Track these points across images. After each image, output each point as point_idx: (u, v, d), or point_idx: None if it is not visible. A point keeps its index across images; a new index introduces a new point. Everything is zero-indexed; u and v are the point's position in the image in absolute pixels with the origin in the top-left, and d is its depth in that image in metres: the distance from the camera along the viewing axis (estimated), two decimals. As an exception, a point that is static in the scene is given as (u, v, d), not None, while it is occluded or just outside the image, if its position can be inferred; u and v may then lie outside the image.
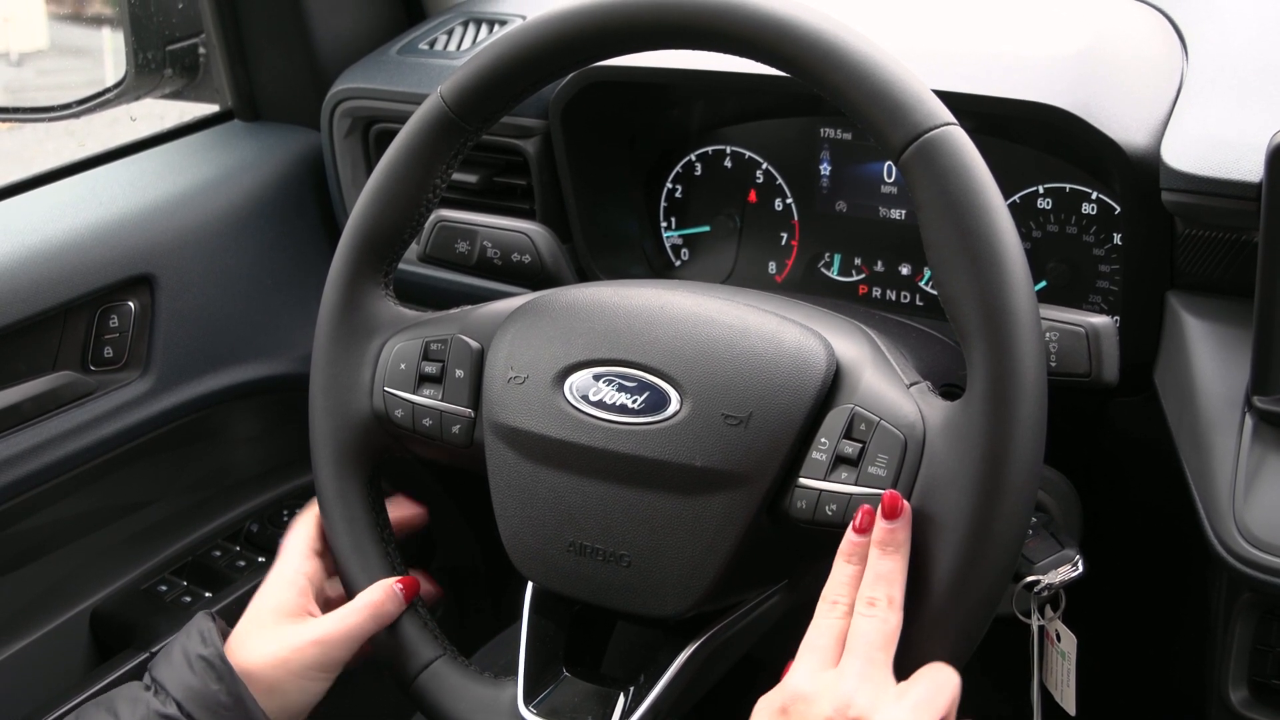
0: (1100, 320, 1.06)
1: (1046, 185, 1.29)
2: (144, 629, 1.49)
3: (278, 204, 1.63)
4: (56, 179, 1.57)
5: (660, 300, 1.07)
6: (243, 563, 1.61)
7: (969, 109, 1.08)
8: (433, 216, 1.26)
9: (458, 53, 1.58)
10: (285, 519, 1.68)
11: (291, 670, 1.08)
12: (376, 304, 1.16)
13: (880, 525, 0.93)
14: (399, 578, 1.14)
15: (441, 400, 1.13)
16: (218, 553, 1.62)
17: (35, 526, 1.46)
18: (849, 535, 0.95)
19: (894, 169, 1.37)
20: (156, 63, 1.69)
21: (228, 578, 1.58)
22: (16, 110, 2.26)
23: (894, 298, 1.40)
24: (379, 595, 1.12)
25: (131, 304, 1.48)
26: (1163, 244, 1.14)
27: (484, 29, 1.61)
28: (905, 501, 0.93)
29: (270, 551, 1.62)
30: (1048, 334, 1.05)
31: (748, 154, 1.45)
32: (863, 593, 0.93)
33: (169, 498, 1.62)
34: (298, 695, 1.10)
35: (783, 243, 1.45)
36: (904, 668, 0.92)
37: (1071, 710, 1.15)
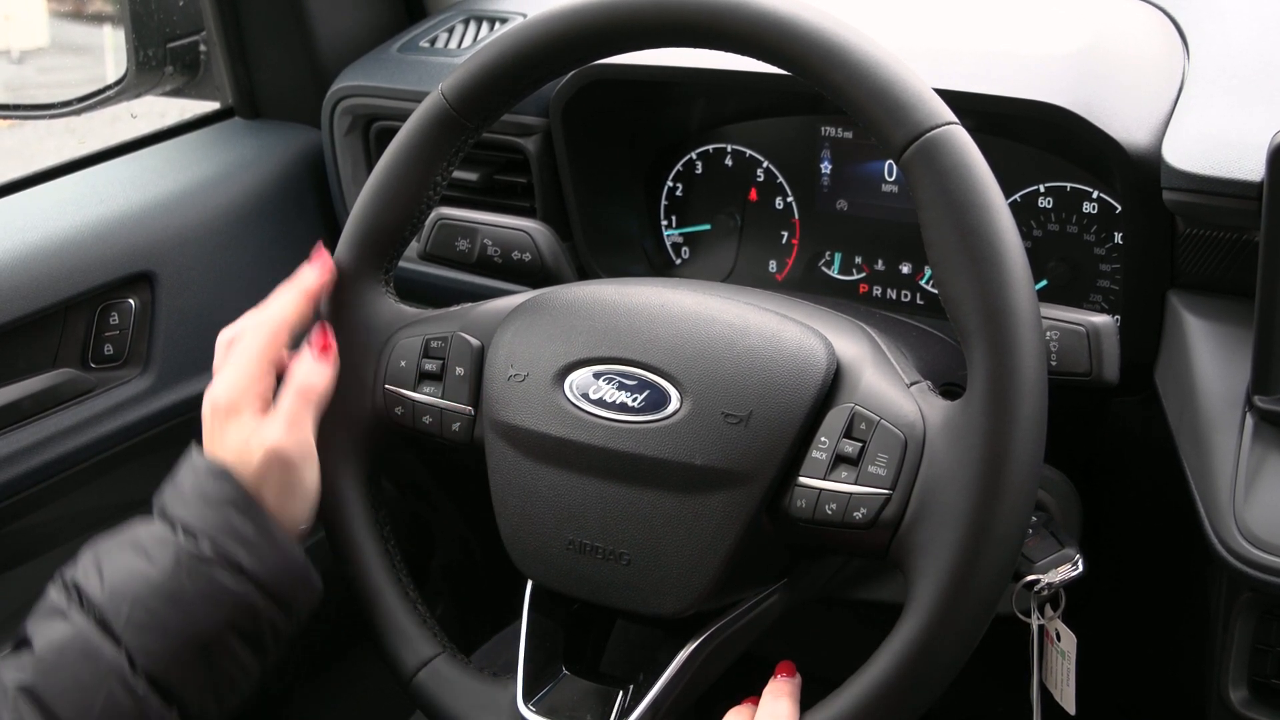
0: (1101, 319, 1.06)
1: (1047, 184, 1.29)
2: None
3: (278, 202, 1.63)
4: (57, 176, 1.57)
5: (660, 299, 1.07)
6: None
7: (970, 108, 1.07)
8: (433, 214, 1.26)
9: (458, 50, 1.58)
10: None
11: (281, 483, 1.07)
12: (376, 301, 1.16)
13: (777, 678, 1.03)
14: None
15: (442, 398, 1.13)
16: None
17: (35, 524, 1.46)
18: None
19: (895, 168, 1.37)
20: (157, 60, 1.69)
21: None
22: (17, 107, 2.26)
23: (894, 297, 1.40)
24: (304, 377, 1.10)
25: (132, 301, 1.48)
26: (1163, 243, 1.14)
27: (484, 27, 1.61)
28: (797, 673, 1.03)
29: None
30: (1048, 333, 1.05)
31: (748, 152, 1.45)
32: None
33: (169, 495, 1.61)
34: (298, 502, 1.09)
35: (783, 241, 1.45)
36: (907, 668, 0.92)
37: (1071, 709, 1.15)
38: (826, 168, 1.41)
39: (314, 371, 1.11)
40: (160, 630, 1.01)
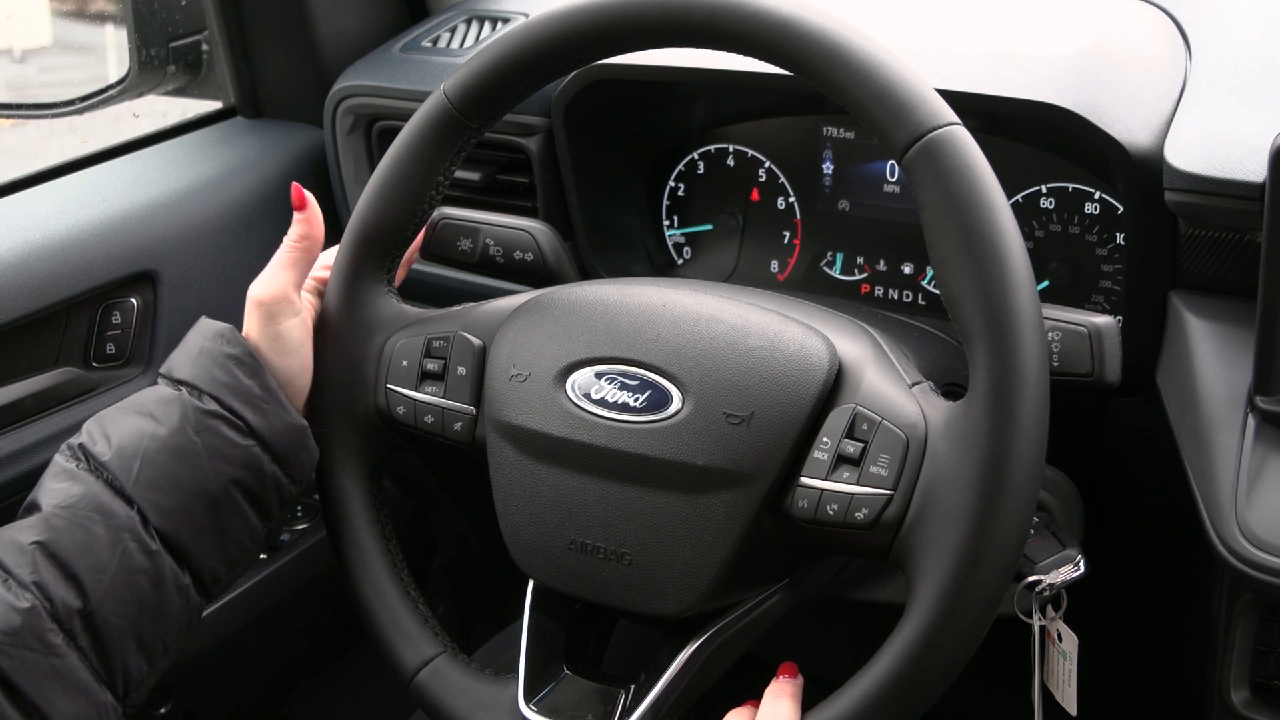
0: (1103, 320, 1.06)
1: (1049, 185, 1.29)
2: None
3: (280, 201, 1.63)
4: (59, 175, 1.57)
5: (662, 299, 1.07)
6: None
7: (972, 108, 1.07)
8: (435, 214, 1.26)
9: (460, 50, 1.58)
10: (287, 514, 1.68)
11: (267, 334, 1.11)
12: (379, 301, 1.16)
13: (779, 679, 1.03)
14: (298, 204, 1.15)
15: (443, 397, 1.13)
16: None
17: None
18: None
19: (896, 168, 1.37)
20: (160, 59, 1.69)
21: (229, 573, 1.58)
22: (20, 106, 2.27)
23: (896, 297, 1.40)
24: (293, 233, 1.14)
25: (134, 300, 1.48)
26: (1165, 244, 1.14)
27: (486, 26, 1.61)
28: (799, 674, 1.03)
29: (271, 548, 1.62)
30: (1050, 334, 1.05)
31: (750, 153, 1.45)
32: None
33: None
34: (291, 359, 1.13)
35: (785, 241, 1.45)
36: (909, 668, 0.92)
37: (1073, 710, 1.15)
38: (828, 168, 1.41)
39: (297, 227, 1.14)
40: (171, 486, 1.03)
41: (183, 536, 1.04)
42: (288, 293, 1.12)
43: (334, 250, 1.18)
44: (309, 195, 1.16)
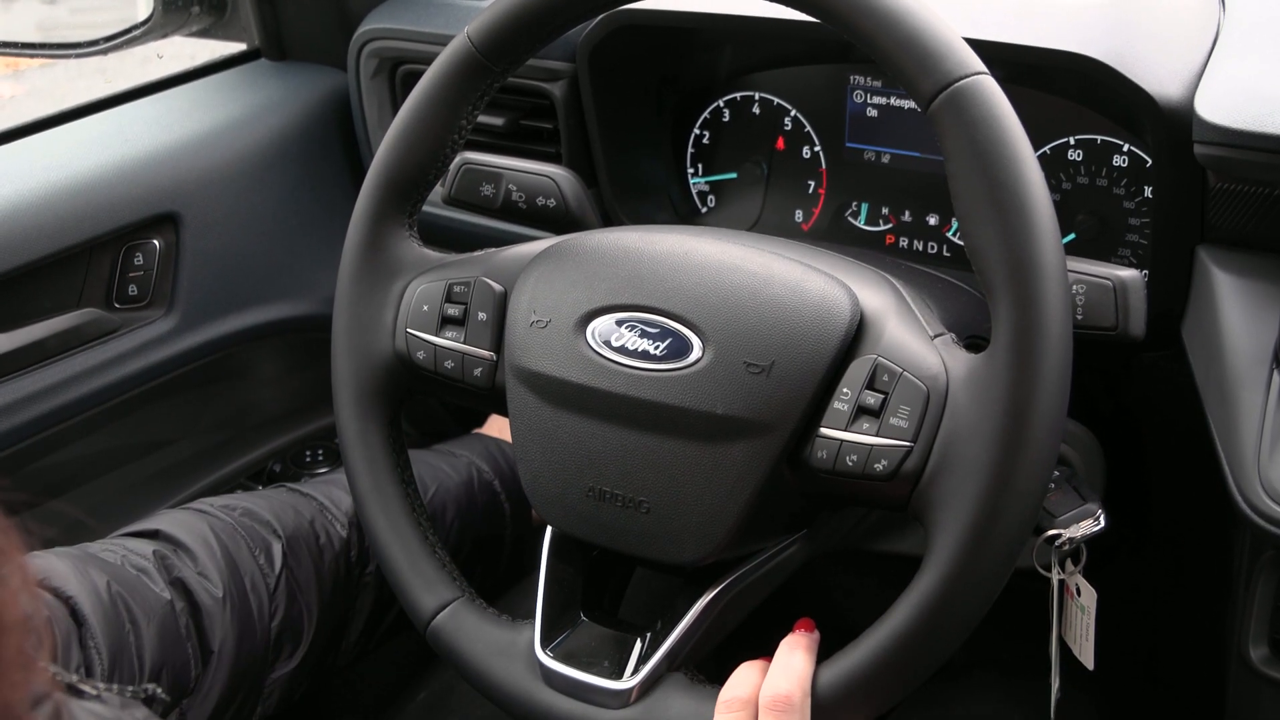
0: (1128, 273, 1.05)
1: (1077, 137, 1.28)
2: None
3: (303, 144, 1.63)
4: (83, 115, 1.57)
5: (685, 246, 1.06)
6: (264, 502, 1.62)
7: (1000, 58, 1.06)
8: (458, 159, 1.25)
9: (485, -6, 1.57)
10: (307, 459, 1.69)
11: None
12: (400, 245, 1.16)
13: (795, 632, 1.01)
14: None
15: (464, 343, 1.13)
16: (240, 491, 1.63)
17: (59, 463, 1.47)
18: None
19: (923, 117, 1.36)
20: (184, 1, 1.68)
21: (250, 516, 1.59)
22: (44, 46, 2.26)
23: (921, 248, 1.39)
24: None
25: (156, 242, 1.48)
26: (1194, 197, 1.13)
27: (512, -30, 1.60)
28: (815, 629, 1.02)
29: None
30: (1075, 286, 1.04)
31: (776, 101, 1.44)
32: (767, 687, 0.97)
33: (192, 436, 1.62)
34: None
35: (810, 191, 1.44)
36: (925, 620, 0.92)
37: (1090, 664, 1.15)
38: (854, 117, 1.40)
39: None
40: None
41: None
42: None
43: None
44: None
